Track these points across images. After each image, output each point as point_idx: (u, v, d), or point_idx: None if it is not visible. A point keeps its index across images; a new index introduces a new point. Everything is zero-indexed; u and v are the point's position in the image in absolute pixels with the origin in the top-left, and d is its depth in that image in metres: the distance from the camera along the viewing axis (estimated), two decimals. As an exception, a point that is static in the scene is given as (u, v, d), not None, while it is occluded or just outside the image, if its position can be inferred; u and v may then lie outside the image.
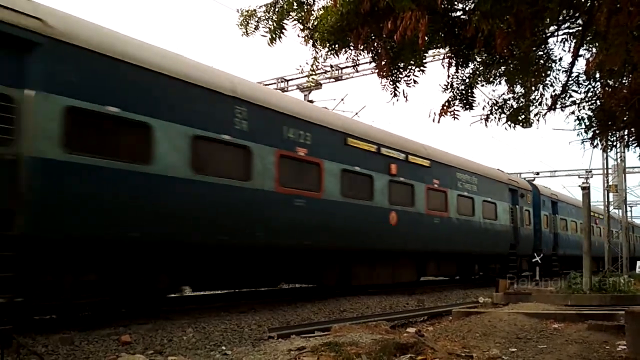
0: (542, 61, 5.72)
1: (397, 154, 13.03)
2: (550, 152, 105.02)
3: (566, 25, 5.58)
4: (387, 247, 12.68)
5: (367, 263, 12.60)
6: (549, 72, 5.91)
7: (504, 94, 6.18)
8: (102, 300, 7.56)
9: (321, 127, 10.92)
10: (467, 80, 5.63)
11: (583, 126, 6.71)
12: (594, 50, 5.74)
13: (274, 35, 4.70)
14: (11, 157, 6.23)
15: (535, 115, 6.23)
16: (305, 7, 4.72)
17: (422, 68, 4.95)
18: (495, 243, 17.68)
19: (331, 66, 17.71)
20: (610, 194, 24.66)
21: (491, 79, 5.82)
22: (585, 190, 12.38)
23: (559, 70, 6.00)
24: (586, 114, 6.60)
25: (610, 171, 24.59)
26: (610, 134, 7.55)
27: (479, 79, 5.71)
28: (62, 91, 6.71)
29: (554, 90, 6.11)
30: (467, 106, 5.67)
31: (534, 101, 6.15)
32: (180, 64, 8.56)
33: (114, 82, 7.37)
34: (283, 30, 4.71)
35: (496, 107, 6.15)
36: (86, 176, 6.96)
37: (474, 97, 5.69)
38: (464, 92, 5.65)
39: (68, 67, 6.86)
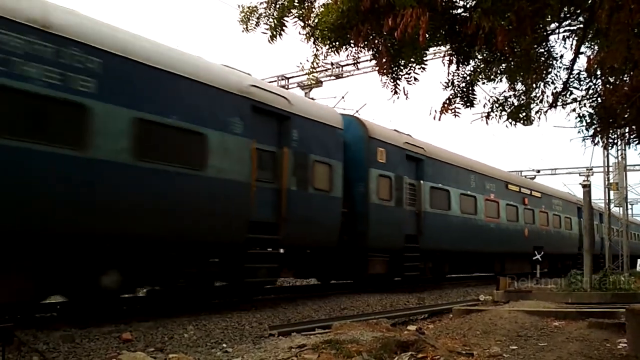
0: (543, 58, 5.70)
1: (526, 191, 21.31)
2: (551, 150, 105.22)
3: (567, 22, 5.56)
4: (523, 251, 20.40)
5: (512, 260, 19.87)
6: (550, 70, 5.89)
7: (504, 91, 6.16)
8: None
9: (497, 179, 19.10)
10: (468, 77, 5.60)
11: (584, 124, 6.67)
12: (595, 47, 5.72)
13: (274, 33, 4.69)
14: (417, 211, 14.18)
15: (536, 112, 6.20)
16: (306, 4, 4.70)
17: (422, 66, 4.93)
18: (571, 246, 24.98)
19: (332, 64, 17.70)
20: (611, 192, 24.65)
21: (492, 77, 5.78)
22: (586, 188, 12.39)
23: (560, 67, 5.98)
24: (587, 111, 6.56)
25: (611, 169, 24.55)
26: (611, 131, 7.52)
27: (480, 76, 5.68)
28: (428, 179, 14.62)
29: (554, 88, 6.09)
30: (468, 104, 5.65)
31: (535, 99, 6.13)
32: (457, 156, 17.11)
33: (441, 171, 15.38)
34: (284, 28, 4.70)
35: (497, 105, 6.12)
36: (437, 219, 14.78)
37: (475, 95, 5.68)
38: (464, 89, 5.63)
39: (430, 167, 14.76)
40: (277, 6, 4.66)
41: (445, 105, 5.49)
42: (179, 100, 8.09)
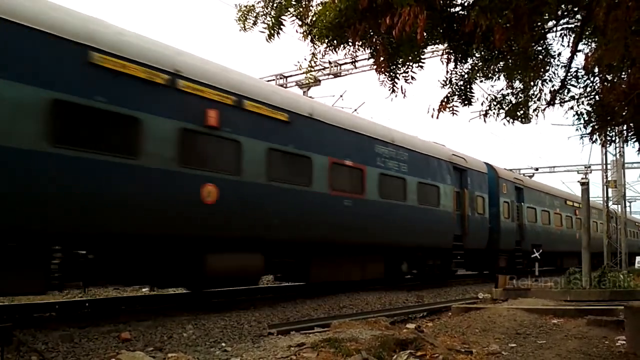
0: (540, 56, 5.69)
1: (577, 205, 24.47)
2: (549, 148, 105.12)
3: (565, 20, 5.56)
4: (575, 250, 24.92)
5: (567, 257, 24.37)
6: (547, 68, 5.88)
7: (502, 89, 6.15)
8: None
9: (560, 197, 25.44)
10: (466, 75, 5.60)
11: (582, 121, 6.68)
12: (593, 45, 5.72)
13: (272, 31, 4.68)
14: (519, 224, 20.57)
15: (534, 110, 6.20)
16: (304, 2, 4.69)
17: (420, 64, 4.93)
18: (602, 245, 30.22)
19: (330, 62, 17.65)
20: (609, 190, 24.69)
21: (490, 75, 5.78)
22: (584, 185, 12.41)
23: (557, 65, 5.97)
24: (585, 109, 6.57)
25: (609, 166, 24.59)
26: (609, 129, 7.53)
27: (478, 74, 5.67)
28: (525, 201, 21.29)
29: (552, 86, 6.09)
30: (466, 102, 5.64)
31: (533, 96, 6.13)
32: (538, 183, 24.57)
33: (531, 195, 21.84)
34: (281, 26, 4.69)
35: (495, 103, 6.12)
36: (530, 229, 21.31)
37: (473, 93, 5.67)
38: (462, 87, 5.62)
39: (526, 193, 21.51)
40: (275, 5, 4.65)
41: (444, 103, 5.49)
42: (430, 168, 14.65)
